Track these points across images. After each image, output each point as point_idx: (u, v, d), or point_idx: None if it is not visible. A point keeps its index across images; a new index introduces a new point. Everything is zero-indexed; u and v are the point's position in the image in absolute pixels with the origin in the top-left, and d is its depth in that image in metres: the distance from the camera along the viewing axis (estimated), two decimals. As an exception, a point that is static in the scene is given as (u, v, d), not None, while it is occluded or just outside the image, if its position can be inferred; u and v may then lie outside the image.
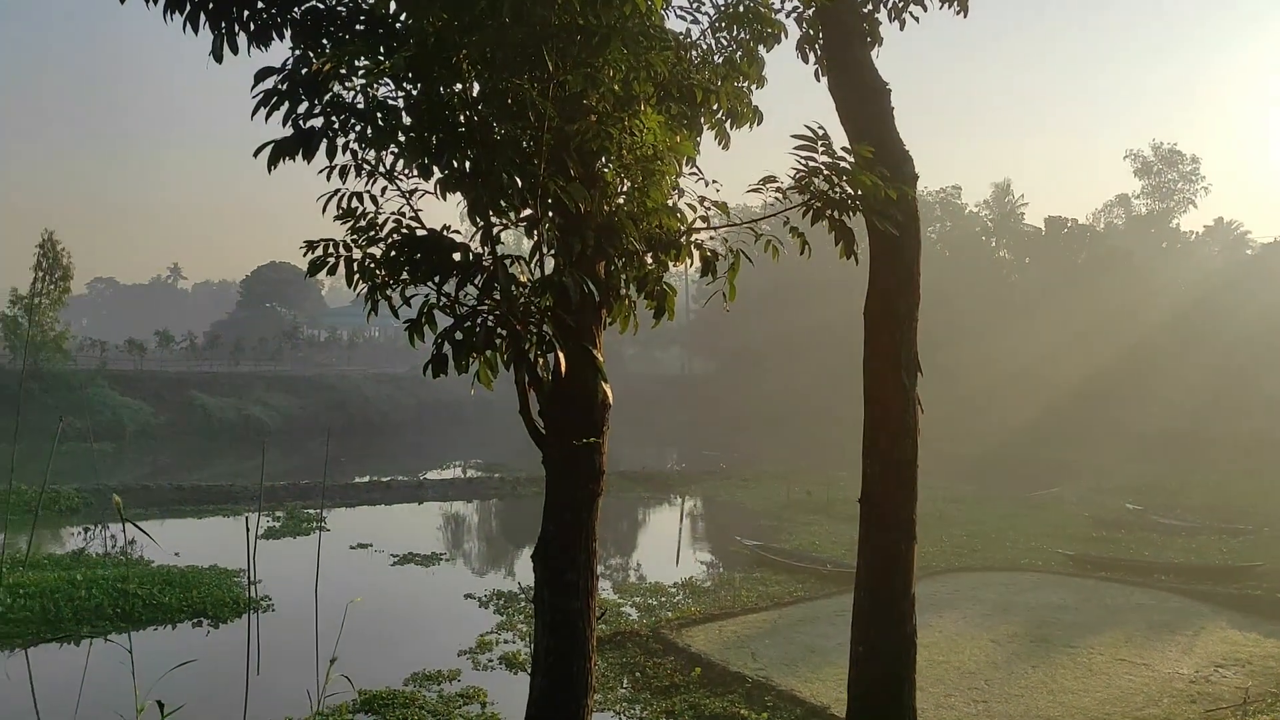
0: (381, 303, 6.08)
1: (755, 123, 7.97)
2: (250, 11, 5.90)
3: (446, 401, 64.78)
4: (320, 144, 5.69)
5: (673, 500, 38.85)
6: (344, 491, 35.89)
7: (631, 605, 21.67)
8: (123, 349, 66.85)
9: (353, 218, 6.00)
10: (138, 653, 17.30)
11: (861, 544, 7.65)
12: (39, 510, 21.21)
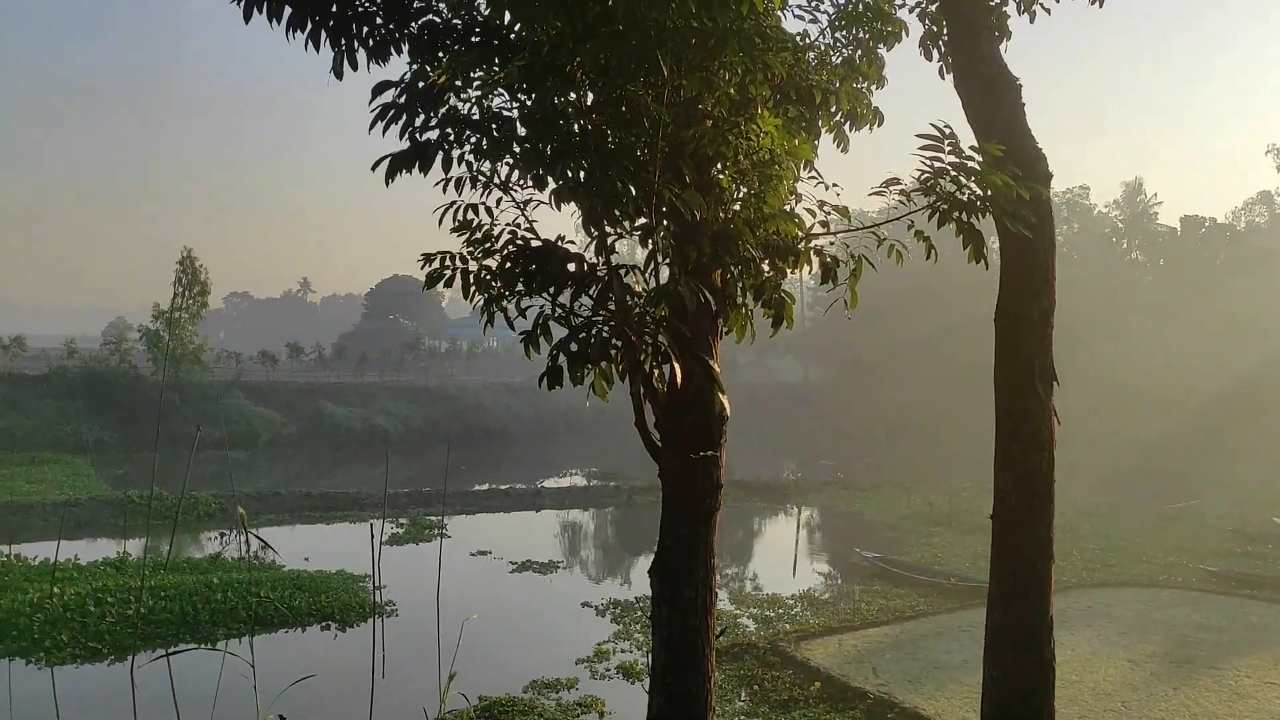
0: (498, 314, 6.08)
1: (875, 124, 7.73)
2: (369, 27, 5.98)
3: (563, 411, 65.46)
4: (436, 156, 5.71)
5: (789, 510, 38.34)
6: (464, 499, 36.50)
7: (748, 616, 21.41)
8: (256, 360, 69.59)
9: (469, 230, 6.01)
10: (270, 654, 17.95)
11: (994, 562, 7.29)
12: (178, 516, 22.15)
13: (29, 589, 20.16)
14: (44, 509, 30.88)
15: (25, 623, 18.24)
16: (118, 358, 59.04)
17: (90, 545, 27.24)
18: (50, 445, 48.76)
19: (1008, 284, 7.33)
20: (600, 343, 5.42)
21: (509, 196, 6.13)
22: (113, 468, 44.43)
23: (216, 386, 58.64)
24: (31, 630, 18.02)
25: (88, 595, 19.54)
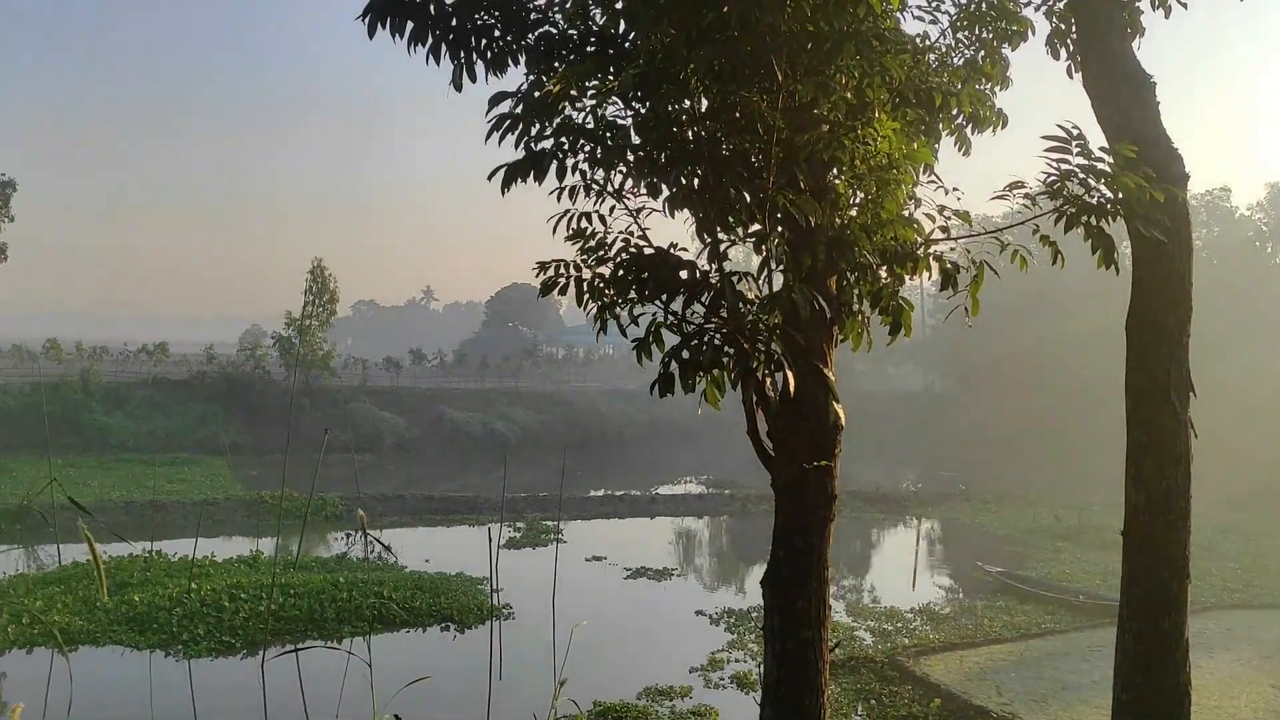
0: (610, 321, 6.10)
1: (999, 126, 7.49)
2: (488, 40, 6.08)
3: (678, 417, 65.52)
4: (550, 165, 5.77)
5: (909, 522, 37.53)
6: (579, 504, 36.84)
7: (866, 630, 21.02)
8: (381, 366, 71.73)
9: (582, 238, 6.05)
10: (391, 652, 18.41)
11: (1125, 580, 6.96)
12: (307, 516, 23.00)
13: (169, 584, 21.16)
14: (184, 508, 32.42)
15: (165, 617, 19.16)
16: (252, 363, 61.67)
17: (226, 543, 28.44)
18: (190, 447, 51.24)
19: (1140, 290, 7.01)
20: (712, 350, 5.38)
21: (621, 204, 6.15)
22: (247, 469, 46.38)
23: (344, 391, 60.64)
24: (171, 624, 18.91)
25: (223, 591, 20.40)
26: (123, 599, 20.16)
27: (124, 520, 31.01)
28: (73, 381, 54.64)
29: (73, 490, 35.18)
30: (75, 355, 65.12)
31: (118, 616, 19.36)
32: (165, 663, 17.63)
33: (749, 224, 5.72)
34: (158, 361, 66.07)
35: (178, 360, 69.17)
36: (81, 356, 64.49)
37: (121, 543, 27.09)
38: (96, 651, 18.12)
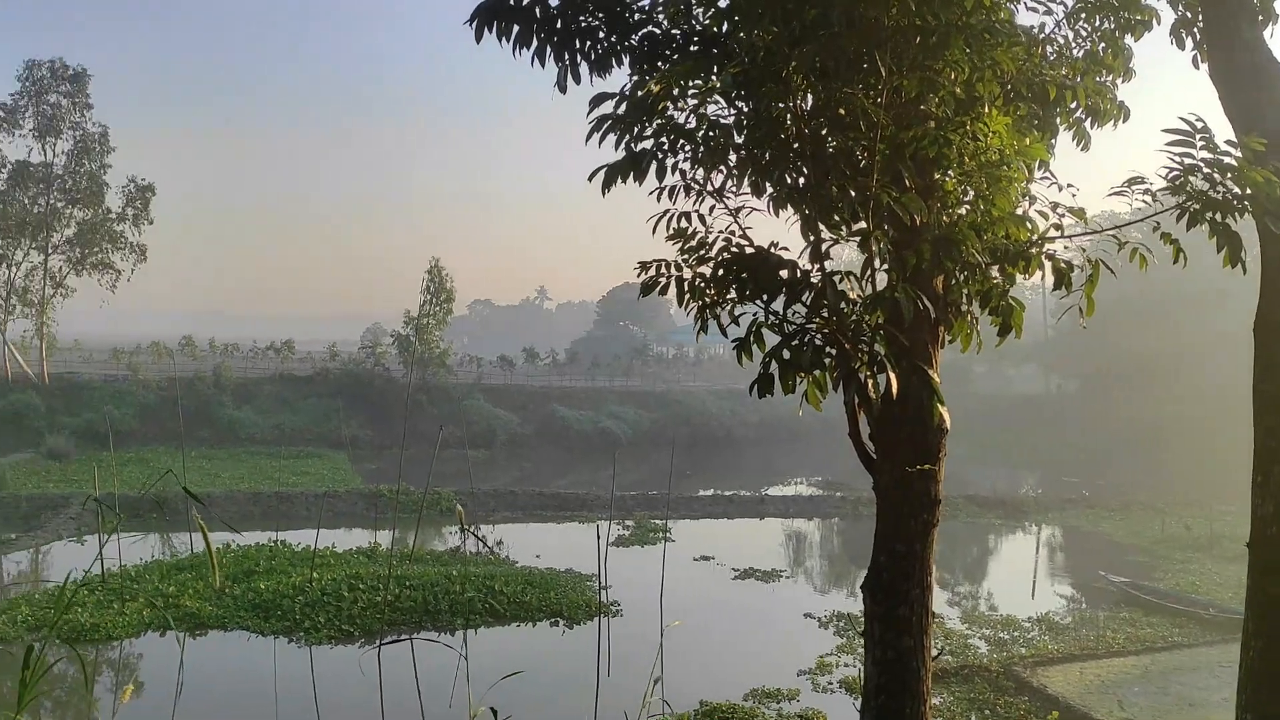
0: (712, 321, 6.09)
1: (1120, 120, 7.21)
2: (592, 41, 6.15)
3: (788, 418, 64.94)
4: (650, 165, 5.79)
5: (1028, 528, 36.41)
6: (688, 504, 36.88)
7: (980, 638, 20.50)
8: (495, 364, 73.07)
9: (683, 237, 6.06)
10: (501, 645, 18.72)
11: (1250, 594, 6.61)
12: (422, 510, 23.57)
13: (292, 573, 21.99)
14: (307, 499, 33.63)
15: (288, 604, 19.91)
16: (373, 360, 63.59)
17: (346, 534, 29.39)
18: (314, 441, 53.17)
19: (1270, 291, 6.64)
20: (813, 350, 5.31)
21: (721, 204, 6.14)
22: (366, 462, 47.87)
23: (459, 388, 62.02)
24: (294, 611, 19.64)
25: (342, 581, 21.10)
26: (249, 586, 21.03)
27: (251, 510, 32.39)
28: (206, 377, 57.29)
29: (205, 481, 36.89)
30: (209, 352, 68.22)
31: (244, 603, 20.20)
32: (288, 648, 18.32)
33: (852, 222, 5.64)
34: (284, 359, 68.66)
35: (303, 358, 71.76)
36: (214, 353, 67.54)
37: (248, 532, 28.29)
38: (224, 636, 18.95)
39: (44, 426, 48.87)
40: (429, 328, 61.18)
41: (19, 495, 32.06)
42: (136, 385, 55.65)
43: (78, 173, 58.70)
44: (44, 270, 59.12)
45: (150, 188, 60.83)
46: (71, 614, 18.89)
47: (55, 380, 57.47)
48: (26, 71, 57.54)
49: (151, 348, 66.94)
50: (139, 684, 16.76)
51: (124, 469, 38.52)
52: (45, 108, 57.72)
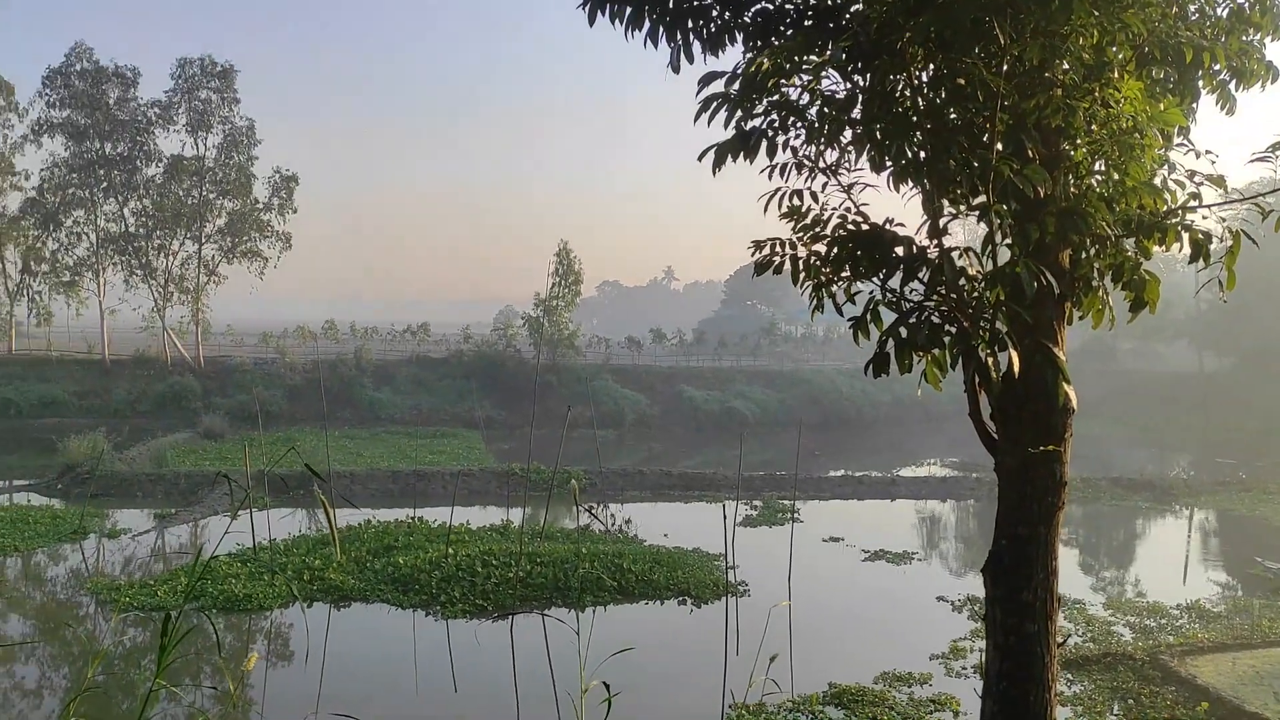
0: (828, 300, 6.01)
1: (1268, 81, 6.77)
2: (705, 19, 6.11)
3: (921, 398, 63.43)
4: (760, 143, 5.73)
5: (1178, 512, 34.76)
6: (816, 484, 36.52)
7: (1124, 625, 19.73)
8: (623, 345, 73.69)
9: (797, 215, 5.98)
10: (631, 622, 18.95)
11: None
12: (553, 488, 23.99)
13: (429, 549, 22.72)
14: (443, 477, 34.68)
15: (425, 579, 20.60)
16: (504, 342, 65.03)
17: (480, 512, 30.19)
18: (449, 420, 54.76)
19: None
20: (930, 328, 5.18)
21: (835, 180, 6.03)
22: (499, 442, 49.03)
23: (588, 369, 62.85)
24: (430, 585, 20.32)
25: (476, 557, 21.69)
26: (389, 561, 21.84)
27: (390, 488, 33.60)
28: (348, 360, 59.62)
29: (347, 460, 38.42)
30: (350, 335, 70.87)
31: (384, 577, 20.99)
32: (425, 621, 18.97)
33: (972, 196, 5.47)
34: (420, 341, 70.80)
35: (438, 340, 73.82)
36: (355, 337, 70.12)
37: (388, 509, 29.36)
38: (366, 608, 19.75)
39: (200, 407, 51.79)
40: (558, 309, 62.18)
41: (178, 472, 34.05)
42: (284, 368, 58.33)
43: (227, 165, 61.73)
44: (198, 259, 62.47)
45: (294, 178, 63.49)
46: (226, 585, 19.99)
47: (210, 363, 60.77)
48: (179, 69, 60.70)
49: (297, 332, 70.02)
50: (289, 652, 17.61)
51: (272, 448, 40.47)
52: (197, 103, 60.83)
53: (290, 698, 14.97)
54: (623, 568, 21.67)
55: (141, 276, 61.54)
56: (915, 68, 5.55)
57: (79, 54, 59.62)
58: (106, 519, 27.96)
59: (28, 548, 24.17)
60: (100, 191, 60.52)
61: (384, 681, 15.95)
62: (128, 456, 36.45)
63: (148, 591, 19.79)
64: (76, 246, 62.38)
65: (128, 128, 60.01)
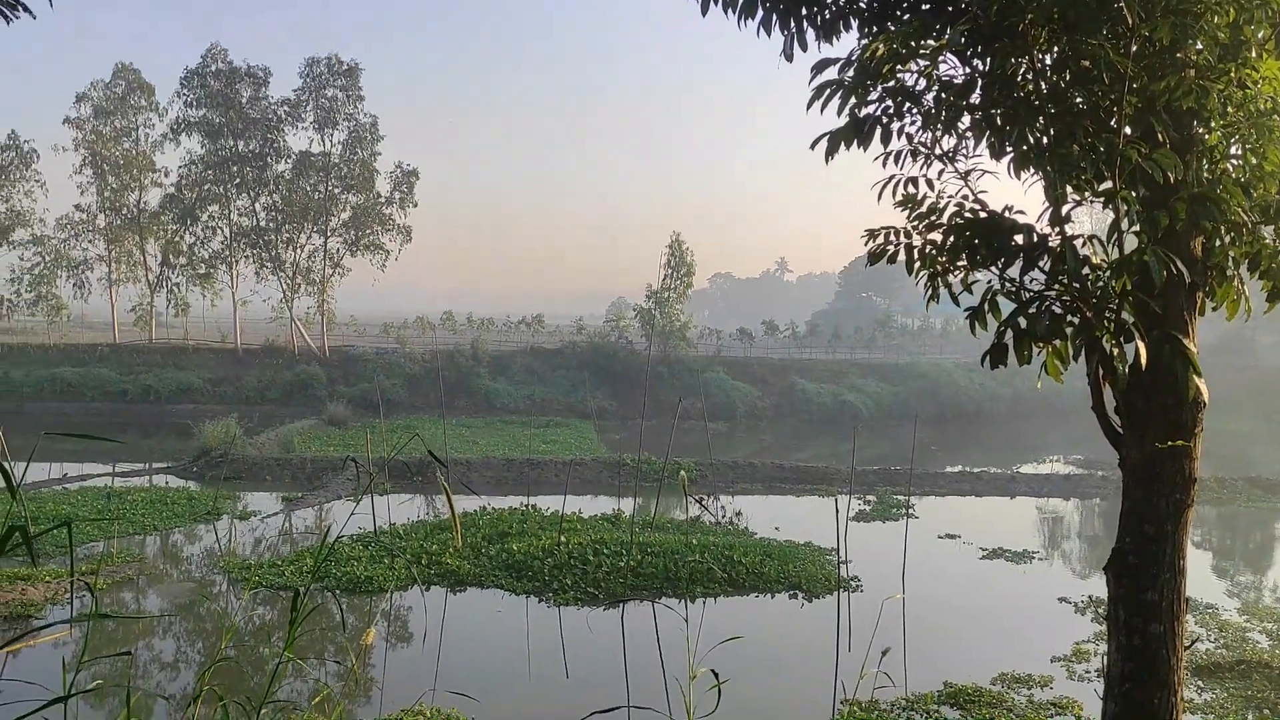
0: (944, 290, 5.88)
1: None
2: (819, 6, 6.04)
3: (1044, 392, 61.60)
4: (875, 130, 5.64)
5: (1325, 515, 32.90)
6: (932, 479, 35.78)
7: (1261, 631, 18.79)
8: (734, 337, 73.47)
9: (912, 203, 5.87)
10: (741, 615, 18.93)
11: None
12: (663, 479, 24.13)
13: (542, 536, 23.10)
14: (555, 466, 35.18)
15: (538, 566, 20.95)
16: (616, 334, 65.55)
17: (591, 501, 30.53)
18: (562, 411, 55.53)
19: None
20: (1051, 319, 5.02)
21: (951, 167, 5.89)
22: (611, 432, 49.46)
23: (699, 361, 62.86)
24: (543, 573, 20.66)
25: (588, 546, 21.95)
26: (503, 547, 22.29)
27: (505, 476, 34.26)
28: (465, 350, 60.99)
29: (464, 448, 39.31)
30: (466, 326, 72.47)
31: (499, 563, 21.44)
32: (538, 607, 19.29)
33: (1098, 182, 5.27)
34: (534, 332, 71.97)
35: (551, 331, 74.91)
36: (471, 327, 71.68)
37: (502, 496, 29.96)
38: (481, 593, 20.20)
39: (325, 395, 53.70)
40: (670, 301, 62.36)
41: (304, 457, 35.38)
42: (404, 357, 60.01)
43: (351, 161, 63.72)
44: (324, 252, 64.70)
45: (414, 173, 65.16)
46: (349, 567, 20.70)
47: (334, 353, 62.92)
48: (307, 68, 62.90)
49: (417, 322, 71.96)
50: (408, 633, 18.14)
51: (393, 435, 41.69)
52: (323, 101, 62.95)
53: (408, 676, 15.44)
54: (733, 560, 21.64)
55: (271, 269, 64.08)
56: (1038, 50, 5.39)
57: (214, 55, 62.35)
58: (238, 501, 29.26)
59: (166, 527, 25.47)
60: (233, 187, 63.22)
61: (497, 665, 16.31)
62: (257, 442, 38.04)
63: (275, 571, 20.65)
64: (211, 240, 65.34)
65: (259, 125, 62.49)
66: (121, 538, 23.98)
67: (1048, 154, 5.25)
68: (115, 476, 34.10)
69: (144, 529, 24.98)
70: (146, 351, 61.46)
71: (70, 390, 55.48)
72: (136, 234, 66.44)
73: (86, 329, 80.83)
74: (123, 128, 66.00)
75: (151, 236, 66.65)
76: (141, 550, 23.16)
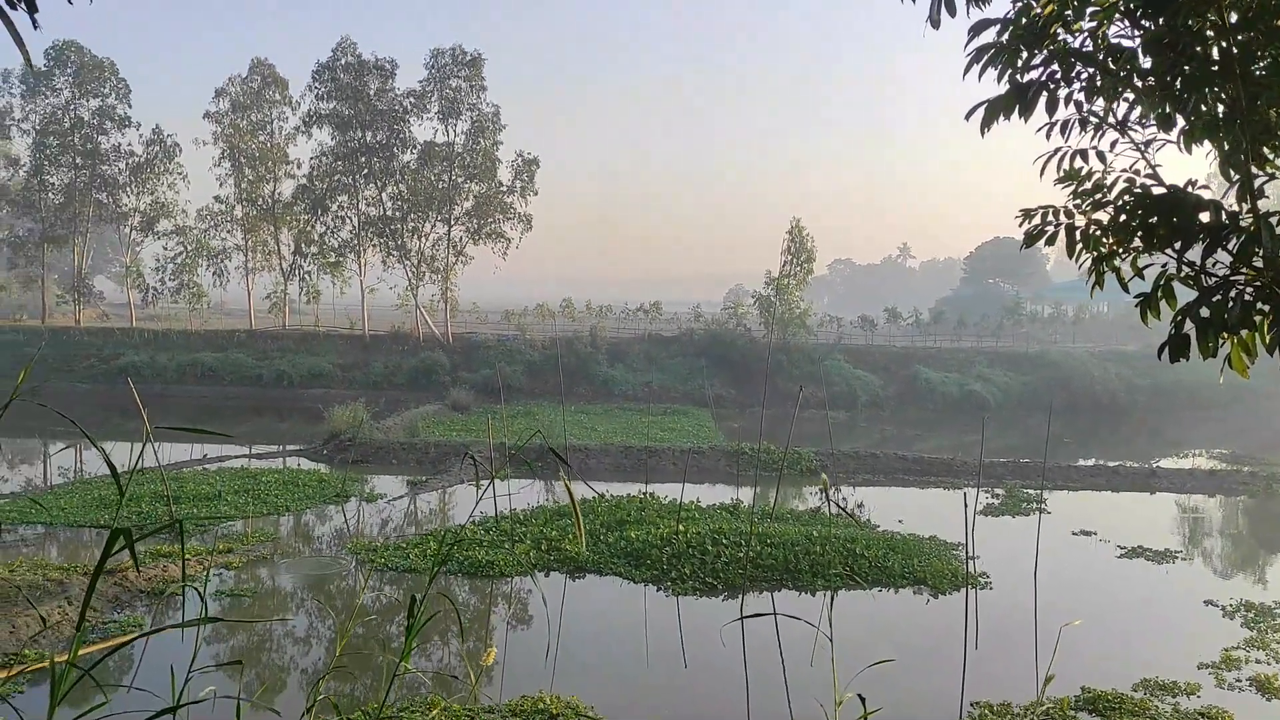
0: (1108, 275, 5.38)
1: None
2: (972, -36, 5.59)
3: (1187, 384, 58.65)
4: (1039, 98, 5.16)
5: None
6: (1065, 473, 34.33)
7: None
8: (855, 324, 72.08)
9: (1075, 179, 5.38)
10: (862, 609, 18.44)
11: None
12: (783, 469, 23.70)
13: (660, 524, 22.96)
14: (673, 454, 35.03)
15: (656, 554, 20.82)
16: (734, 321, 65.04)
17: (709, 490, 30.27)
18: (679, 398, 55.40)
19: None
20: (1241, 307, 4.51)
21: (1126, 138, 5.38)
22: (729, 420, 49.08)
23: (819, 349, 61.90)
24: (661, 561, 20.51)
25: (706, 535, 21.72)
26: (621, 535, 22.23)
27: (623, 463, 34.27)
28: (583, 337, 61.40)
29: (582, 434, 39.52)
30: (585, 313, 72.97)
31: (617, 550, 21.38)
32: (656, 596, 19.16)
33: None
34: (652, 319, 71.96)
35: (669, 318, 74.79)
36: (590, 315, 72.13)
37: (620, 483, 29.97)
38: (600, 580, 20.17)
39: (448, 381, 54.80)
40: (789, 288, 61.51)
41: (428, 442, 36.08)
42: (524, 344, 60.77)
43: (474, 150, 64.76)
44: (447, 240, 65.97)
45: (535, 161, 65.82)
46: (471, 551, 20.95)
47: (457, 339, 64.16)
48: (432, 59, 64.13)
49: (537, 309, 72.77)
50: (529, 617, 18.23)
51: (513, 420, 42.22)
52: (448, 91, 64.06)
53: (528, 660, 15.48)
54: (855, 553, 21.12)
55: (397, 257, 65.69)
56: (1223, 7, 4.85)
57: (344, 49, 64.07)
58: (365, 484, 30.01)
59: (297, 508, 26.27)
60: (361, 177, 64.98)
61: (616, 652, 16.23)
62: (384, 426, 38.99)
63: (400, 554, 21.04)
64: (341, 229, 67.34)
65: (385, 117, 64.03)
66: (257, 518, 24.82)
67: (1236, 123, 4.72)
68: (251, 458, 35.42)
69: (277, 509, 25.82)
70: (280, 337, 63.80)
71: (210, 375, 58.05)
72: (271, 224, 68.94)
73: (225, 315, 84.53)
74: (258, 121, 68.52)
75: (285, 226, 69.07)
76: (276, 530, 23.91)
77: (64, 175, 68.17)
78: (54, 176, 68.09)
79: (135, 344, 61.59)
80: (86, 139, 67.37)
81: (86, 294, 73.43)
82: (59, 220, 68.31)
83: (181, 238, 70.05)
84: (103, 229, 75.30)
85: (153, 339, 62.75)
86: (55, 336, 62.93)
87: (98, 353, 60.36)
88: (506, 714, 12.98)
